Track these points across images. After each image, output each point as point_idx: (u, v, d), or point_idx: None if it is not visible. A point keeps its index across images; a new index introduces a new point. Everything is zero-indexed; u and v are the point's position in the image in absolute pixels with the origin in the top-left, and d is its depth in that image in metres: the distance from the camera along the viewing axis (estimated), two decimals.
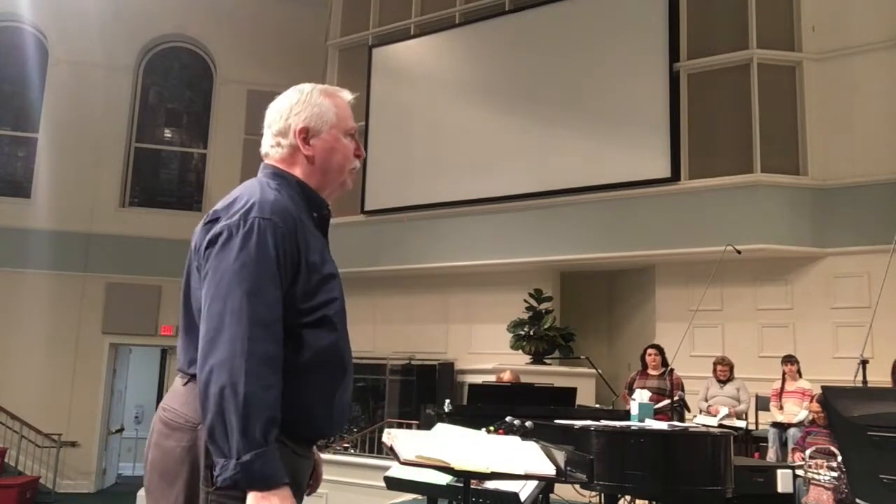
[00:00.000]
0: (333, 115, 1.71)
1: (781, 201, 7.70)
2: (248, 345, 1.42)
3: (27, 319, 10.94)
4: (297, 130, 1.68)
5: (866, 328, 5.66)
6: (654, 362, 7.07)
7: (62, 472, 10.64)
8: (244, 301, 1.44)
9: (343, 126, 1.73)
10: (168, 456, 1.52)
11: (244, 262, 1.47)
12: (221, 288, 1.46)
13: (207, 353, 1.43)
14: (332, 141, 1.70)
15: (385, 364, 9.58)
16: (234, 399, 1.39)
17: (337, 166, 1.72)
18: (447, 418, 4.81)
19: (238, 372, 1.40)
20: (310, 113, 1.69)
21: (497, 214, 9.09)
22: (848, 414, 2.47)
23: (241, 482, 1.38)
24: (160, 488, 1.53)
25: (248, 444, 1.38)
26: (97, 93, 11.68)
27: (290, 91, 1.75)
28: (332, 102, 1.72)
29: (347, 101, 1.77)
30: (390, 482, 3.43)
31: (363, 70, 10.51)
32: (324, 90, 1.74)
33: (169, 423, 1.54)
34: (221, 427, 1.39)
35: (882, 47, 7.64)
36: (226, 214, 1.55)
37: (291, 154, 1.69)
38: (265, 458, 1.39)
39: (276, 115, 1.72)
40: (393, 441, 2.06)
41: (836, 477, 4.80)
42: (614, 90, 8.57)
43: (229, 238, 1.50)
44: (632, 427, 3.59)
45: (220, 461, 1.39)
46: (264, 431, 1.40)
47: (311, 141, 1.68)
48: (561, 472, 2.44)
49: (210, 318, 1.45)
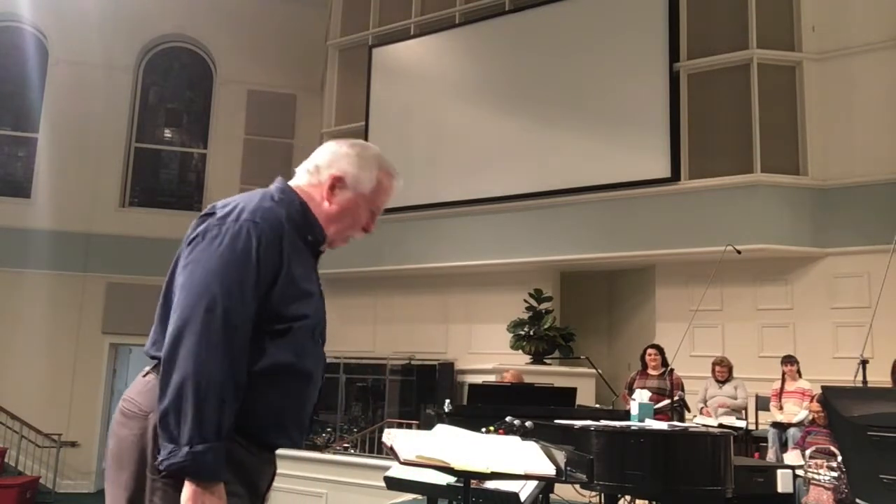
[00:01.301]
0: (371, 188, 1.74)
1: (781, 201, 7.70)
2: (216, 340, 1.45)
3: (27, 319, 10.94)
4: (334, 175, 1.71)
5: (866, 328, 5.66)
6: (654, 362, 7.07)
7: (62, 472, 10.63)
8: (218, 298, 1.47)
9: (372, 201, 1.75)
10: (122, 443, 1.56)
11: (226, 261, 1.50)
12: (199, 281, 1.49)
13: (176, 342, 1.46)
14: (353, 205, 1.73)
15: (385, 364, 9.57)
16: (195, 390, 1.42)
17: (341, 226, 1.74)
18: (447, 418, 4.81)
19: (203, 365, 1.43)
20: (355, 170, 1.72)
21: (497, 214, 9.08)
22: (848, 414, 2.47)
23: (187, 470, 1.41)
24: (112, 476, 1.57)
25: (203, 435, 1.41)
26: (97, 93, 11.68)
27: (357, 143, 1.79)
28: (379, 178, 1.75)
29: (395, 187, 1.80)
30: (390, 482, 3.43)
31: (363, 70, 10.51)
32: (383, 164, 1.77)
33: (125, 412, 1.58)
34: (175, 414, 1.42)
35: (882, 47, 7.64)
36: (221, 212, 1.59)
37: (314, 186, 1.72)
38: (215, 453, 1.43)
39: (329, 153, 1.75)
40: (393, 441, 2.06)
41: (836, 477, 4.80)
42: (614, 90, 8.57)
43: (216, 235, 1.54)
44: (632, 427, 3.59)
45: (168, 446, 1.42)
46: (218, 427, 1.43)
47: (337, 191, 1.71)
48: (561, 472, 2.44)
49: (183, 308, 1.49)
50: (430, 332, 9.67)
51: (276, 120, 12.09)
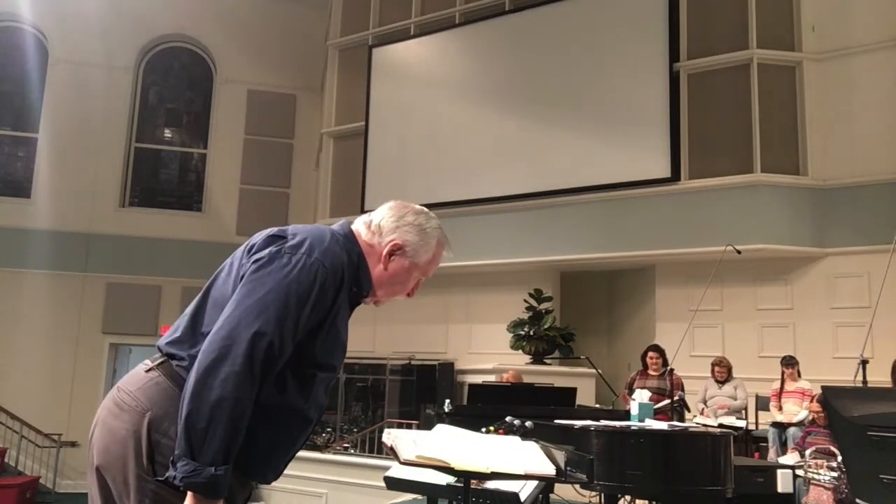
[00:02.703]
0: (427, 258, 1.77)
1: (781, 201, 7.70)
2: (256, 369, 1.46)
3: (27, 319, 10.94)
4: (394, 241, 1.72)
5: (866, 328, 5.66)
6: (655, 364, 7.07)
7: (62, 472, 10.63)
8: (272, 327, 1.48)
9: (424, 270, 1.78)
10: (111, 435, 1.54)
11: (289, 293, 1.52)
12: (258, 303, 1.50)
13: (220, 357, 1.45)
14: (406, 273, 1.76)
15: (385, 364, 9.57)
16: (230, 414, 1.43)
17: (390, 289, 1.78)
18: (447, 418, 4.81)
19: (240, 391, 1.44)
20: (416, 241, 1.74)
21: (497, 214, 9.08)
22: (848, 414, 2.47)
23: (203, 488, 1.42)
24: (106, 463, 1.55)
25: (226, 459, 1.44)
26: (97, 93, 11.68)
27: (422, 211, 1.80)
28: (436, 251, 1.78)
29: (444, 257, 1.83)
30: (390, 482, 3.43)
31: (363, 70, 10.51)
32: (441, 238, 1.79)
33: (120, 403, 1.56)
34: (205, 432, 1.42)
35: (882, 47, 7.63)
36: (293, 241, 1.60)
37: (373, 247, 1.73)
38: (228, 475, 1.45)
39: (395, 218, 1.76)
40: (393, 441, 2.06)
41: (836, 477, 4.80)
42: (614, 90, 8.57)
43: (286, 264, 1.55)
44: (632, 427, 3.59)
45: (188, 462, 1.42)
46: (234, 451, 1.46)
47: (394, 257, 1.73)
48: (561, 472, 2.44)
49: (235, 324, 1.48)
50: (430, 332, 9.67)
51: (276, 120, 12.09)
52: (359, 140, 10.32)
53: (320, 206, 10.67)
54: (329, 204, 10.64)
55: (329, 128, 10.79)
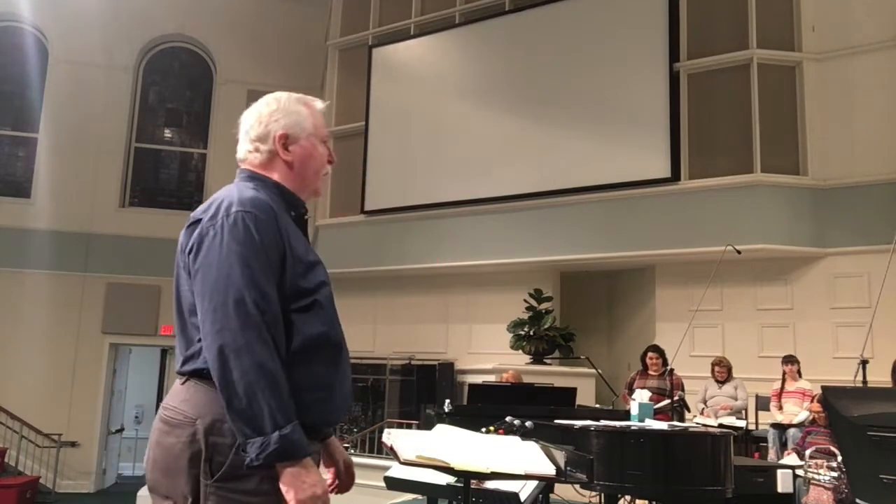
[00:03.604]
0: (311, 124, 1.77)
1: (781, 201, 7.69)
2: (258, 330, 1.47)
3: (27, 319, 10.94)
4: (277, 136, 1.74)
5: (866, 328, 5.66)
6: (655, 365, 7.07)
7: (62, 472, 10.64)
8: (243, 290, 1.48)
9: (319, 134, 1.79)
10: (168, 452, 1.54)
11: (235, 254, 1.52)
12: (217, 282, 1.50)
13: (221, 347, 1.46)
14: (311, 148, 1.77)
15: (385, 364, 9.57)
16: (260, 380, 1.43)
17: (313, 172, 1.78)
18: (447, 418, 4.81)
19: (256, 356, 1.45)
20: (289, 120, 1.75)
21: (497, 214, 9.08)
22: (848, 414, 2.47)
23: (283, 454, 1.43)
24: (165, 485, 1.55)
25: (285, 417, 1.44)
26: (97, 93, 11.68)
27: (268, 98, 1.80)
28: (309, 111, 1.79)
29: (320, 109, 1.84)
30: (390, 482, 3.43)
31: (363, 70, 10.51)
32: (300, 98, 1.80)
33: (168, 420, 1.56)
34: (251, 410, 1.43)
35: (882, 47, 7.64)
36: (207, 216, 1.60)
37: (270, 159, 1.75)
38: (299, 430, 1.46)
39: (255, 121, 1.78)
40: (393, 441, 2.06)
41: (836, 477, 4.80)
42: (614, 90, 8.57)
43: (214, 235, 1.55)
44: (632, 427, 3.59)
45: (256, 440, 1.43)
46: (290, 407, 1.47)
47: (291, 147, 1.74)
48: (561, 472, 2.44)
49: (213, 312, 1.49)
50: (430, 332, 9.67)
51: None
52: (359, 140, 10.32)
53: (320, 206, 10.67)
54: (329, 204, 10.64)
55: (329, 128, 10.69)
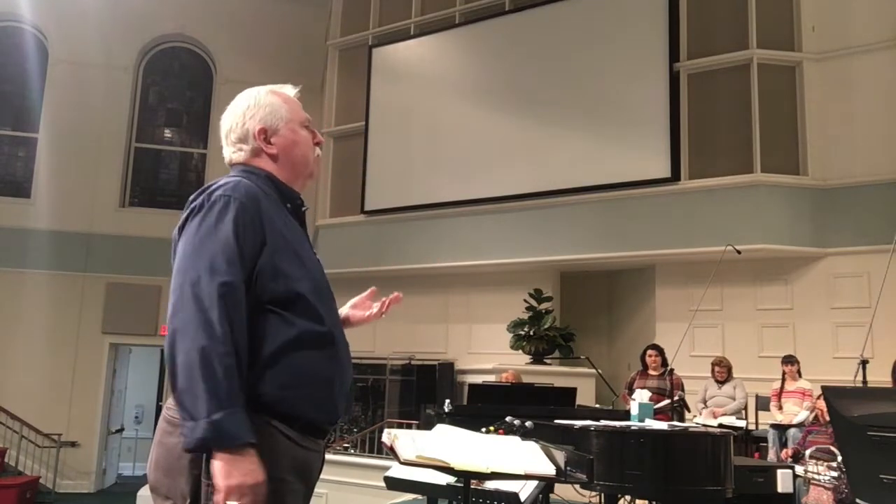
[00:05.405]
0: (286, 111, 1.76)
1: (781, 201, 7.69)
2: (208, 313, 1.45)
3: (27, 319, 10.94)
4: (257, 132, 1.73)
5: (866, 328, 5.66)
6: (655, 363, 7.07)
7: (62, 472, 10.64)
8: (202, 273, 1.48)
9: (297, 118, 1.78)
10: (171, 452, 1.54)
11: (206, 233, 1.53)
12: (183, 263, 1.52)
13: (172, 326, 1.47)
14: (292, 134, 1.76)
15: (385, 364, 9.57)
16: (201, 364, 1.41)
17: (301, 158, 1.77)
18: (447, 418, 4.81)
19: (202, 339, 1.43)
20: (264, 113, 1.74)
21: (497, 214, 9.08)
22: (848, 414, 2.47)
23: (209, 441, 1.40)
24: (165, 485, 1.55)
25: (218, 403, 1.41)
26: (97, 93, 11.68)
27: (240, 97, 1.80)
28: (281, 99, 1.78)
29: (292, 94, 1.82)
30: (390, 482, 3.43)
31: (363, 70, 10.50)
32: (269, 90, 1.79)
33: (171, 420, 1.56)
34: (190, 393, 1.42)
35: (882, 47, 7.63)
36: (197, 202, 1.61)
37: (256, 156, 1.74)
38: (236, 418, 1.42)
39: (232, 122, 1.77)
40: (393, 441, 2.06)
41: (836, 477, 4.80)
42: (614, 90, 8.57)
43: (193, 219, 1.56)
44: (632, 427, 3.59)
45: (187, 425, 1.42)
46: (230, 393, 1.43)
47: (272, 139, 1.74)
48: (561, 472, 2.44)
49: (174, 290, 1.50)
50: (430, 332, 9.67)
51: None
52: (359, 140, 10.32)
53: (320, 206, 10.67)
54: (329, 204, 10.64)
55: (329, 128, 10.78)
